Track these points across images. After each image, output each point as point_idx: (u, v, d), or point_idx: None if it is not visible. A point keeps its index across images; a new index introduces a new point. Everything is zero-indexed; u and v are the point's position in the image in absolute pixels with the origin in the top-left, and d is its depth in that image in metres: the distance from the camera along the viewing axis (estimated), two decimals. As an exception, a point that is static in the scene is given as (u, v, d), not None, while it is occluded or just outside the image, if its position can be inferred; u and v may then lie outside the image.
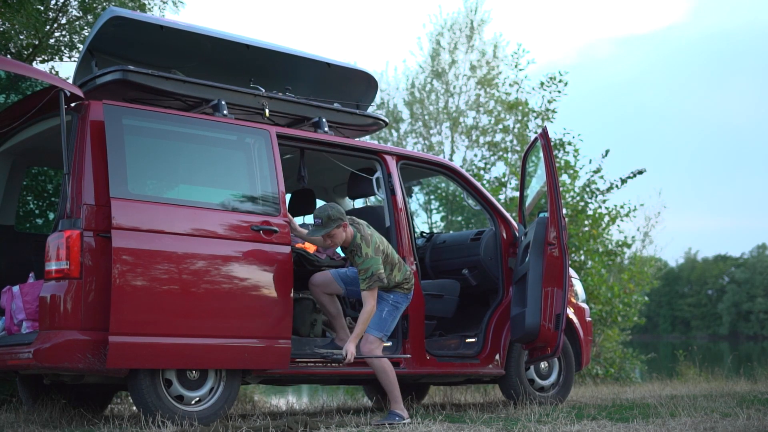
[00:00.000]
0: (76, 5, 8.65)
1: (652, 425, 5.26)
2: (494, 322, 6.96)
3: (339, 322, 6.16)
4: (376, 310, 5.85)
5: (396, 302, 5.96)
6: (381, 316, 5.89)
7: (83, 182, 5.25)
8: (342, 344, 6.08)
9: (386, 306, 5.92)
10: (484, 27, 21.33)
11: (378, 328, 5.87)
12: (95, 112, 5.39)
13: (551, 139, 10.24)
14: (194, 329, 5.38)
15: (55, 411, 6.05)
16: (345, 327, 6.18)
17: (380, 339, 5.88)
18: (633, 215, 15.44)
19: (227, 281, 5.51)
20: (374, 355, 5.82)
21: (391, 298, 5.94)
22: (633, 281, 15.80)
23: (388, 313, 5.92)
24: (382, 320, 5.88)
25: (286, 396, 11.96)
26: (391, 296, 5.95)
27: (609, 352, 14.82)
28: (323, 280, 6.13)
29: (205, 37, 6.15)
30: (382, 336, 5.89)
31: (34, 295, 5.45)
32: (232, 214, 5.69)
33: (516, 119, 17.09)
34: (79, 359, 5.06)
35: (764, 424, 5.16)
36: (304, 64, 6.71)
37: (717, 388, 8.74)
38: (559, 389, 7.28)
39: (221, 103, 6.03)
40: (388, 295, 5.94)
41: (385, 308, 5.91)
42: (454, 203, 19.89)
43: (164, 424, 5.16)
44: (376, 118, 7.01)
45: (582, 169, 15.09)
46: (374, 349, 5.84)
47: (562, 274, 6.43)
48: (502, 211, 7.29)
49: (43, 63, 8.72)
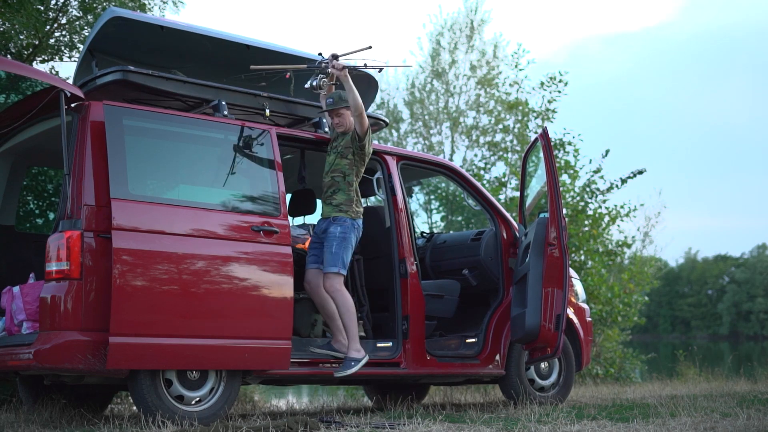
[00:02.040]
0: (76, 5, 8.65)
1: (652, 425, 5.26)
2: (494, 322, 6.97)
3: (336, 324, 6.17)
4: (326, 248, 6.04)
5: (343, 234, 6.07)
6: (332, 251, 6.03)
7: (83, 183, 5.25)
8: (338, 346, 6.11)
9: (334, 240, 6.05)
10: (484, 27, 21.36)
11: (334, 263, 6.01)
12: (95, 113, 5.39)
13: (551, 139, 10.24)
14: (195, 330, 5.38)
15: (55, 411, 6.05)
16: (342, 329, 6.18)
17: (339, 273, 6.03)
18: (633, 215, 15.45)
19: (227, 282, 5.51)
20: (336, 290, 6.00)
21: (338, 231, 6.07)
22: (633, 281, 15.80)
23: (337, 246, 6.04)
24: (333, 255, 6.02)
25: (286, 396, 11.96)
26: (339, 229, 6.07)
27: (609, 352, 14.82)
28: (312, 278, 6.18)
29: (205, 37, 6.15)
30: (340, 270, 6.03)
31: (35, 295, 5.45)
32: (232, 215, 5.70)
33: (516, 119, 17.08)
34: (79, 360, 5.06)
35: (764, 424, 5.16)
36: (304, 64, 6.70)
37: (717, 388, 8.74)
38: (560, 389, 7.28)
39: (221, 104, 6.03)
40: (336, 228, 6.07)
41: (333, 243, 6.04)
42: (454, 203, 19.89)
43: (164, 424, 5.16)
44: (376, 118, 7.02)
45: (582, 169, 15.10)
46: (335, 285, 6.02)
47: (562, 275, 6.44)
48: (503, 212, 7.29)
49: (43, 63, 8.72)
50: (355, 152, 6.17)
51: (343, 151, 6.19)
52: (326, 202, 6.22)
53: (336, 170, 6.19)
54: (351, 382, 7.88)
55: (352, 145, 6.16)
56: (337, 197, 6.16)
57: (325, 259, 6.06)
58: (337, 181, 6.17)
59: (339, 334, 6.17)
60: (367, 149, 6.20)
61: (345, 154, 6.19)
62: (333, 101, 6.17)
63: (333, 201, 6.17)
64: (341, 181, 6.16)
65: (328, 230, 6.13)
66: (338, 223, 6.10)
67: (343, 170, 6.17)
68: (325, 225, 6.18)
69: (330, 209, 6.17)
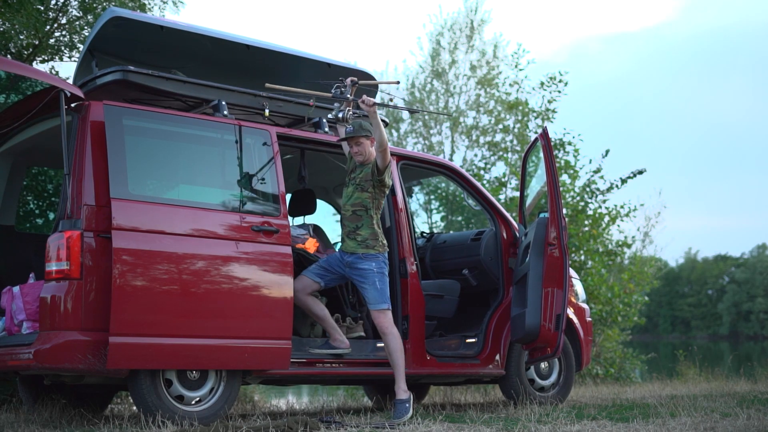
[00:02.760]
0: (76, 5, 8.65)
1: (652, 425, 5.26)
2: (494, 322, 6.97)
3: (329, 323, 6.16)
4: (369, 285, 5.99)
5: (380, 269, 6.04)
6: (377, 287, 5.99)
7: (83, 183, 5.25)
8: (337, 344, 6.12)
9: (375, 277, 6.00)
10: (484, 27, 21.33)
11: (383, 300, 5.99)
12: (95, 113, 5.39)
13: (551, 139, 10.24)
14: (194, 329, 5.38)
15: (55, 411, 6.05)
16: (336, 327, 6.18)
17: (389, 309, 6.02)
18: (633, 215, 15.44)
19: (227, 282, 5.51)
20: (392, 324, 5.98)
21: (374, 267, 6.01)
22: (633, 281, 15.80)
23: (380, 282, 6.01)
24: (380, 291, 5.99)
25: (286, 396, 11.96)
26: (374, 264, 6.01)
27: (609, 352, 14.81)
28: (299, 283, 6.02)
29: (205, 37, 6.15)
30: (389, 305, 6.02)
31: (35, 295, 5.45)
32: (232, 215, 5.69)
33: (516, 119, 17.07)
34: (79, 360, 5.06)
35: (764, 424, 5.16)
36: (305, 64, 6.71)
37: (717, 388, 8.74)
38: (560, 389, 7.28)
39: (221, 104, 6.03)
40: (370, 264, 6.00)
41: (375, 279, 6.00)
42: (454, 203, 19.88)
43: (164, 424, 5.16)
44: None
45: (582, 169, 15.10)
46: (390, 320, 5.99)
47: (562, 275, 6.44)
48: (503, 211, 7.29)
49: (43, 63, 8.72)
50: (375, 185, 6.05)
51: (363, 184, 6.07)
52: (350, 237, 6.07)
53: (357, 204, 6.07)
54: (351, 382, 7.89)
55: (372, 178, 6.04)
56: (362, 233, 6.03)
57: (371, 296, 5.98)
58: (360, 215, 6.05)
59: (334, 332, 6.15)
60: (386, 182, 6.07)
61: (365, 187, 6.06)
62: (353, 129, 6.04)
63: (358, 237, 6.03)
64: (364, 215, 6.04)
65: (360, 267, 6.01)
66: (371, 259, 6.01)
67: (365, 204, 6.05)
68: (352, 260, 6.05)
69: (355, 245, 6.03)
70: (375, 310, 5.99)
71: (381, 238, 6.08)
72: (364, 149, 6.07)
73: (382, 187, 6.07)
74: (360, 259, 6.02)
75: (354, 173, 6.17)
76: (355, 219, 6.06)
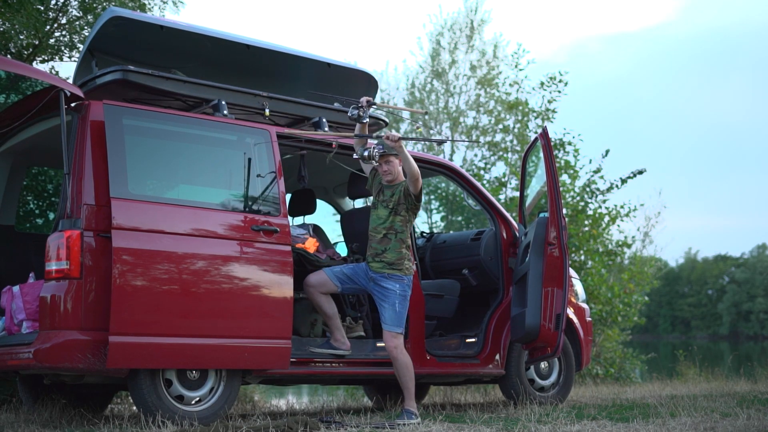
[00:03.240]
0: (76, 5, 8.65)
1: (652, 425, 5.26)
2: (494, 322, 6.96)
3: (335, 323, 6.15)
4: (388, 305, 5.91)
5: (403, 292, 5.96)
6: (395, 309, 5.92)
7: (83, 182, 5.25)
8: (338, 344, 6.11)
9: (396, 299, 5.93)
10: (484, 27, 21.33)
11: (398, 324, 5.92)
12: (95, 112, 5.39)
13: (551, 139, 10.24)
14: (194, 329, 5.38)
15: (55, 411, 6.05)
16: (341, 327, 6.17)
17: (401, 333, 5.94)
18: (633, 215, 15.44)
19: (227, 281, 5.51)
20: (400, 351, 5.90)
21: (398, 289, 5.93)
22: (633, 281, 15.79)
23: (399, 305, 5.94)
24: (397, 314, 5.92)
25: (286, 396, 11.96)
26: (398, 286, 5.93)
27: (609, 352, 14.81)
28: (318, 279, 6.09)
29: (205, 37, 6.15)
30: (402, 330, 5.96)
31: (34, 295, 5.45)
32: (232, 214, 5.69)
33: (516, 119, 17.08)
34: (79, 359, 5.06)
35: (764, 424, 5.16)
36: (305, 64, 6.71)
37: (717, 388, 8.74)
38: (559, 389, 7.28)
39: (221, 103, 6.03)
40: (394, 285, 5.93)
41: (396, 301, 5.92)
42: (454, 203, 19.88)
43: (164, 424, 5.16)
44: (376, 118, 7.01)
45: (582, 169, 15.10)
46: (399, 344, 5.91)
47: (562, 274, 6.44)
48: (502, 211, 7.29)
49: (43, 63, 8.72)
50: (409, 208, 5.99)
51: (396, 208, 5.99)
52: (376, 258, 5.99)
53: (389, 228, 5.99)
54: (351, 382, 7.89)
55: (405, 202, 5.97)
56: (389, 255, 5.95)
57: (388, 316, 5.92)
58: (389, 238, 5.97)
59: (337, 332, 6.14)
60: (420, 203, 6.04)
61: (398, 210, 5.99)
62: (384, 147, 5.93)
63: (385, 258, 5.95)
64: (393, 238, 5.96)
65: (383, 285, 5.95)
66: (395, 280, 5.95)
67: (395, 227, 5.97)
68: (377, 277, 5.99)
69: (381, 266, 5.96)
70: (387, 331, 5.93)
71: (407, 261, 6.01)
72: (393, 168, 6.00)
73: (416, 208, 6.03)
74: (384, 278, 5.96)
75: (383, 195, 6.07)
76: (384, 242, 5.97)
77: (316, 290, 6.08)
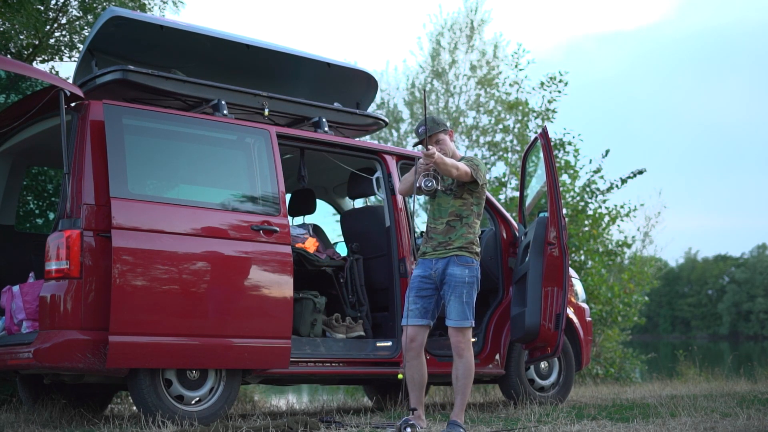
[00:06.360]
0: (76, 5, 8.64)
1: (652, 425, 5.26)
2: (494, 322, 6.97)
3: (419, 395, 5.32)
4: (455, 296, 5.20)
5: (472, 279, 5.24)
6: (462, 299, 5.19)
7: (83, 182, 5.25)
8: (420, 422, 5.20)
9: (463, 288, 5.21)
10: (484, 27, 21.31)
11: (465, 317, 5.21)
12: (95, 112, 5.39)
13: (551, 139, 10.24)
14: (194, 329, 5.38)
15: (55, 411, 6.05)
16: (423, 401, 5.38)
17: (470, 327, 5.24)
18: (633, 215, 15.43)
19: (227, 281, 5.51)
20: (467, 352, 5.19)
21: (466, 275, 5.22)
22: (633, 281, 15.79)
23: (467, 294, 5.23)
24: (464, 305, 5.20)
25: (286, 396, 11.96)
26: (467, 272, 5.22)
27: (609, 352, 14.81)
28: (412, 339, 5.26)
29: (205, 37, 6.15)
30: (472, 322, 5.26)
31: (34, 294, 5.46)
32: (232, 214, 5.70)
33: (516, 119, 17.07)
34: (79, 359, 5.06)
35: (764, 424, 5.15)
36: (305, 64, 6.72)
37: (717, 388, 8.74)
38: (559, 389, 7.28)
39: (221, 103, 6.03)
40: (462, 270, 5.22)
41: (464, 290, 5.22)
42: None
43: (164, 424, 5.16)
44: (376, 118, 7.02)
45: (582, 169, 15.10)
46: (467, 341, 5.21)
47: (562, 274, 6.44)
48: (502, 211, 7.29)
49: (43, 63, 8.72)
50: (472, 191, 5.34)
51: (456, 190, 5.34)
52: (437, 249, 5.30)
53: (452, 213, 5.32)
54: (351, 381, 7.88)
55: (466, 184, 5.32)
56: (456, 242, 5.27)
57: (455, 309, 5.17)
58: (454, 225, 5.30)
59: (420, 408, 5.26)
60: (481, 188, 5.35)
61: (459, 193, 5.34)
62: (426, 128, 5.19)
63: (449, 246, 5.26)
64: (458, 225, 5.29)
65: (449, 271, 5.23)
66: (463, 264, 5.22)
67: (459, 212, 5.31)
68: (442, 265, 5.26)
69: (445, 252, 5.27)
70: (453, 327, 5.20)
71: (476, 245, 5.33)
72: (446, 146, 5.36)
73: (479, 191, 5.35)
74: (452, 262, 5.24)
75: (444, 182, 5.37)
76: (449, 231, 5.31)
77: (417, 345, 5.26)
